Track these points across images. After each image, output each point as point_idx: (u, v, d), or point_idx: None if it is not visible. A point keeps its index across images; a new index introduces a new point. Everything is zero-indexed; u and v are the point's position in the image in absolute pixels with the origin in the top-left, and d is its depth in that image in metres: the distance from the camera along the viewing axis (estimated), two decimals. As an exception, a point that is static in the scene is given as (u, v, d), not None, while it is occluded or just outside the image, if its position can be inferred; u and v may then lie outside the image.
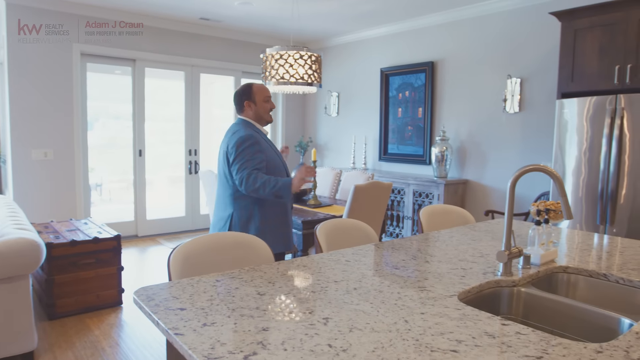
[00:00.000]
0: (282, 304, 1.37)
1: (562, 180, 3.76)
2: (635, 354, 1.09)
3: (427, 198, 5.17)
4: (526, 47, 4.71)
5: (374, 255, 1.92)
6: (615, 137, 3.46)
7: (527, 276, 1.69)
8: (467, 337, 1.15)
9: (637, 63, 3.48)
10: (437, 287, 1.52)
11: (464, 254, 1.95)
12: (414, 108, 5.83)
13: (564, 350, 1.10)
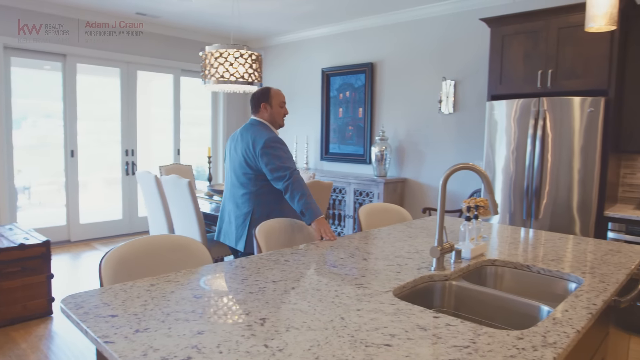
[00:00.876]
0: (219, 307, 1.35)
1: (490, 177, 3.98)
2: (551, 338, 1.17)
3: (367, 197, 5.28)
4: (459, 50, 4.92)
5: (313, 254, 1.94)
6: (538, 137, 3.69)
7: (459, 270, 1.77)
8: (401, 331, 1.19)
9: (557, 68, 3.73)
10: (374, 283, 1.56)
11: (400, 251, 2.01)
12: (354, 108, 5.93)
13: (489, 339, 1.16)
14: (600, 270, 1.82)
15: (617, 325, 1.98)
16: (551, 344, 1.14)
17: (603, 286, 1.62)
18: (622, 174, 4.00)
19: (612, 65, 3.49)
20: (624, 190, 4.00)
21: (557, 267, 1.83)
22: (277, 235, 2.21)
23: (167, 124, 6.78)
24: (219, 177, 7.35)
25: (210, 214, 3.95)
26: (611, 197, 3.77)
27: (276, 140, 2.59)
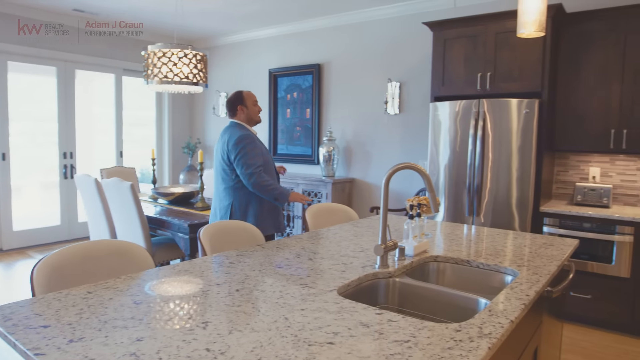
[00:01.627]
0: (160, 312, 1.31)
1: (435, 176, 4.10)
2: (487, 329, 1.22)
3: (316, 197, 5.30)
4: (405, 53, 5.04)
5: (259, 255, 1.93)
6: (479, 137, 3.84)
7: (402, 267, 1.81)
8: (344, 329, 1.20)
9: (495, 72, 3.90)
10: (319, 283, 1.57)
11: (345, 250, 2.03)
12: (302, 109, 5.95)
13: (429, 333, 1.20)
14: (535, 263, 1.91)
15: (550, 313, 2.09)
16: (487, 334, 1.19)
17: (536, 278, 1.70)
18: (555, 172, 4.23)
19: (544, 69, 3.69)
20: (557, 187, 4.23)
21: (495, 262, 1.91)
22: (223, 237, 2.17)
23: (109, 125, 6.52)
24: (164, 179, 7.16)
25: (155, 217, 3.83)
26: (546, 193, 3.98)
27: (243, 138, 2.93)
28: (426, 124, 4.61)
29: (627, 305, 3.43)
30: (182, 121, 7.29)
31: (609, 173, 3.99)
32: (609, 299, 3.49)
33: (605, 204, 3.73)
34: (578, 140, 3.83)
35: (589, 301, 3.56)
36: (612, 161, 3.97)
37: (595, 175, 4.01)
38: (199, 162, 4.15)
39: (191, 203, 4.37)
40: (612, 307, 3.48)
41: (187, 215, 3.85)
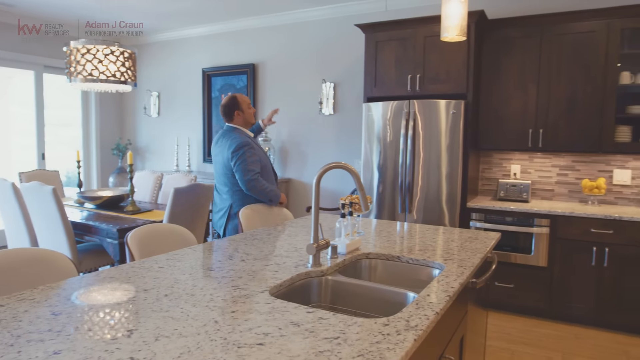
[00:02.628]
0: (81, 322, 1.25)
1: (369, 175, 4.18)
2: (413, 322, 1.26)
3: (253, 198, 5.25)
4: (338, 54, 5.11)
5: (190, 259, 1.88)
6: (410, 137, 3.97)
7: (335, 265, 1.84)
8: (274, 329, 1.20)
9: (424, 73, 4.05)
10: (250, 284, 1.56)
11: (279, 250, 2.03)
12: (237, 109, 5.86)
13: (358, 328, 1.22)
14: (460, 256, 2.00)
15: (475, 303, 2.20)
16: (413, 327, 1.23)
17: (461, 270, 1.79)
18: (481, 169, 4.46)
19: (469, 72, 3.88)
20: (483, 184, 4.46)
21: (424, 256, 1.99)
22: (152, 241, 2.10)
23: (29, 125, 6.10)
24: (92, 182, 6.81)
25: (81, 223, 3.63)
26: (473, 190, 4.18)
27: (243, 145, 3.08)
28: (360, 124, 4.70)
29: (545, 291, 3.68)
30: (111, 121, 6.97)
31: (528, 170, 4.26)
32: (529, 287, 3.73)
33: (525, 198, 3.98)
34: (500, 140, 4.06)
35: (512, 290, 3.78)
36: (531, 159, 4.25)
37: (516, 172, 4.27)
38: (128, 164, 3.98)
39: (121, 207, 4.19)
40: (532, 295, 3.73)
41: (116, 219, 3.69)
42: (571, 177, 4.12)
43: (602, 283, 3.51)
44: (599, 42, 3.68)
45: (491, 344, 3.27)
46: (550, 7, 4.03)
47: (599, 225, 3.48)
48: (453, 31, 2.09)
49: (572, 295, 3.61)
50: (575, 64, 3.77)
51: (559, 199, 4.16)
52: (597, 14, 3.68)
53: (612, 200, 3.98)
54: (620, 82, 3.69)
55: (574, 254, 3.58)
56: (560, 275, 3.63)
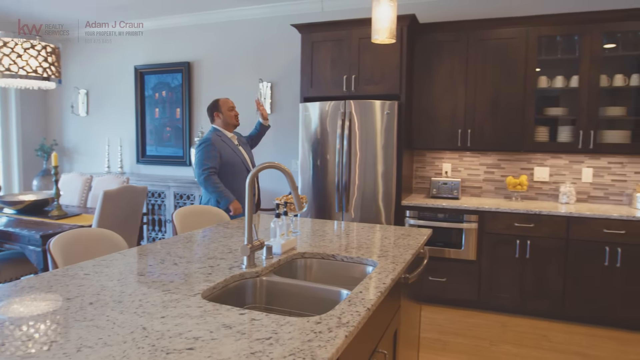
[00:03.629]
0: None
1: (307, 175, 4.21)
2: (345, 319, 1.29)
3: (188, 200, 5.13)
4: (275, 53, 5.10)
5: (120, 264, 1.81)
6: (346, 137, 4.04)
7: (270, 265, 1.83)
8: (205, 333, 1.18)
9: (359, 74, 4.13)
10: (182, 288, 1.52)
11: (213, 252, 2.00)
12: (171, 108, 5.71)
13: (290, 328, 1.23)
14: (393, 253, 2.06)
15: (408, 297, 2.28)
16: (344, 323, 1.26)
17: (393, 266, 1.84)
18: (415, 168, 4.62)
19: (402, 73, 4.00)
20: (417, 182, 4.62)
21: (358, 254, 2.03)
22: (78, 247, 2.00)
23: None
24: (14, 186, 6.36)
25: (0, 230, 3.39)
26: (407, 188, 4.32)
27: (203, 142, 3.32)
28: (298, 124, 4.71)
29: (475, 284, 3.87)
30: (35, 120, 6.54)
31: (458, 168, 4.46)
32: (460, 280, 3.91)
33: (456, 195, 4.17)
34: (432, 139, 4.22)
35: (444, 283, 3.94)
36: (461, 157, 4.45)
37: (448, 171, 4.46)
38: (53, 166, 3.76)
39: (45, 212, 3.95)
40: (463, 287, 3.91)
41: (40, 225, 3.47)
42: (497, 174, 4.36)
43: (525, 273, 3.74)
44: (520, 48, 3.92)
45: (425, 336, 3.39)
46: (476, 13, 4.24)
47: (522, 220, 3.71)
48: (383, 33, 2.15)
49: (499, 286, 3.82)
50: (499, 68, 3.99)
51: (487, 196, 4.39)
52: (518, 21, 3.92)
53: (533, 195, 4.25)
54: (539, 85, 3.95)
55: (499, 247, 3.79)
56: (487, 268, 3.83)
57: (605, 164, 4.07)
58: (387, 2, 2.21)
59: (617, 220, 3.51)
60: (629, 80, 3.78)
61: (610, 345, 3.33)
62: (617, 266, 3.51)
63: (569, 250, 3.62)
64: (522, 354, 3.19)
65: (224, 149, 3.37)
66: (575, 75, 3.85)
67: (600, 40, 3.75)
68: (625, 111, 3.83)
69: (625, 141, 3.79)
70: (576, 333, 3.53)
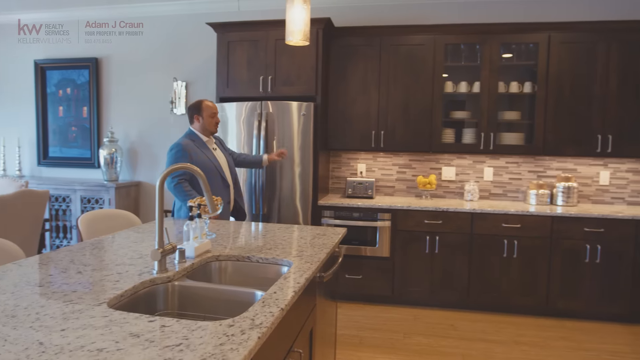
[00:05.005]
0: None
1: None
2: (258, 320, 1.29)
3: (97, 203, 4.85)
4: (190, 52, 4.96)
5: (14, 275, 1.67)
6: (263, 138, 4.03)
7: (183, 270, 1.79)
8: (111, 343, 1.13)
9: (275, 76, 4.14)
10: (86, 297, 1.44)
11: (122, 258, 1.91)
12: (77, 107, 5.35)
13: (202, 332, 1.21)
14: (308, 253, 2.10)
15: (324, 296, 2.33)
16: (258, 325, 1.26)
17: (307, 266, 1.87)
18: (331, 169, 4.71)
19: (318, 75, 4.07)
20: (333, 182, 4.72)
21: (273, 255, 2.04)
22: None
23: None
24: None
25: None
26: (324, 188, 4.40)
27: (174, 147, 3.13)
28: (214, 125, 4.62)
29: (389, 280, 4.04)
30: None
31: (372, 168, 4.63)
32: (375, 276, 4.06)
33: (370, 195, 4.32)
34: (347, 140, 4.34)
35: (360, 280, 4.07)
36: (375, 158, 4.62)
37: (362, 171, 4.61)
38: None
39: None
40: (378, 283, 4.06)
41: None
42: (409, 174, 4.57)
43: (434, 267, 3.96)
44: (428, 55, 4.15)
45: (342, 333, 3.48)
46: (389, 19, 4.43)
47: (431, 217, 3.93)
48: (297, 35, 2.18)
49: (411, 281, 4.02)
50: (410, 73, 4.19)
51: (399, 195, 4.59)
52: (426, 29, 4.15)
53: (441, 194, 4.52)
54: (445, 90, 4.20)
55: (411, 244, 3.98)
56: (400, 264, 4.01)
57: (504, 164, 4.43)
58: (301, 4, 2.24)
59: (514, 215, 3.83)
60: (523, 87, 4.14)
61: (509, 330, 3.63)
62: (514, 257, 3.83)
63: (473, 244, 3.90)
64: (432, 343, 3.38)
65: (196, 154, 3.14)
66: (477, 81, 4.15)
67: (498, 50, 4.07)
68: (520, 115, 4.20)
69: (520, 143, 4.14)
70: (480, 321, 3.80)
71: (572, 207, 3.99)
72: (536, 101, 4.05)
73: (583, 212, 3.79)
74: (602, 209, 3.97)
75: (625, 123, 3.93)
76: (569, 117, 4.00)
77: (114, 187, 4.77)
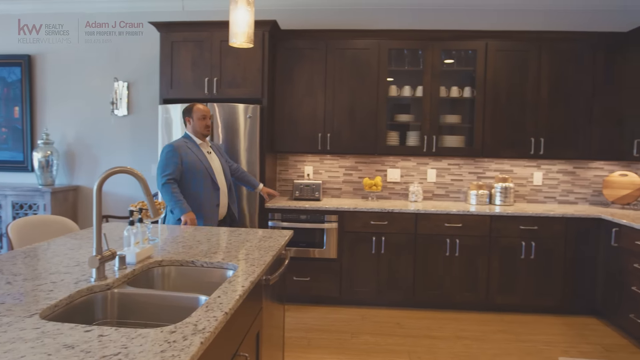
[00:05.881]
0: None
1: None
2: (201, 325, 1.27)
3: (30, 209, 4.58)
4: (132, 51, 4.80)
5: None
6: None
7: (123, 276, 1.73)
8: (42, 357, 1.07)
9: (221, 77, 4.09)
10: (16, 309, 1.36)
11: (57, 266, 1.82)
12: (8, 107, 5.03)
13: (142, 340, 1.17)
14: (253, 256, 2.08)
15: (271, 299, 2.32)
16: (200, 330, 1.24)
17: (253, 269, 1.86)
18: (278, 171, 4.70)
19: (264, 77, 4.05)
20: (280, 185, 4.71)
21: (218, 259, 2.01)
22: None
23: None
24: None
25: None
26: (271, 191, 4.37)
27: (166, 147, 3.23)
28: (157, 127, 4.49)
29: (336, 281, 4.08)
30: None
31: (319, 171, 4.66)
32: (323, 278, 4.09)
33: (317, 197, 4.34)
34: (294, 143, 4.34)
35: (308, 282, 4.08)
36: (322, 160, 4.66)
37: (310, 173, 4.63)
38: None
39: None
40: (326, 285, 4.09)
41: None
42: (355, 176, 4.64)
43: (380, 268, 4.04)
44: (373, 59, 4.23)
45: (290, 335, 3.48)
46: (334, 23, 4.48)
47: (377, 218, 4.01)
48: (240, 37, 2.17)
49: (358, 281, 4.07)
50: (355, 76, 4.26)
51: (346, 196, 4.65)
52: (370, 34, 4.23)
53: (387, 195, 4.62)
54: (390, 94, 4.31)
55: (358, 245, 4.04)
56: (348, 265, 4.06)
57: (446, 166, 4.59)
58: (245, 6, 2.23)
59: (456, 215, 3.97)
60: (463, 92, 4.31)
61: (452, 326, 3.76)
62: (456, 255, 3.98)
63: (417, 243, 4.01)
64: (379, 342, 3.45)
65: (187, 156, 3.22)
66: (420, 85, 4.28)
67: (439, 55, 4.22)
68: (460, 119, 4.36)
69: (461, 145, 4.31)
70: (424, 318, 3.91)
71: (509, 207, 4.20)
72: (475, 105, 4.23)
73: (519, 211, 3.99)
74: (536, 207, 4.20)
75: (556, 127, 4.18)
76: (506, 121, 4.21)
77: (50, 191, 4.52)
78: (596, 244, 3.91)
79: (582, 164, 4.53)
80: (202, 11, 4.63)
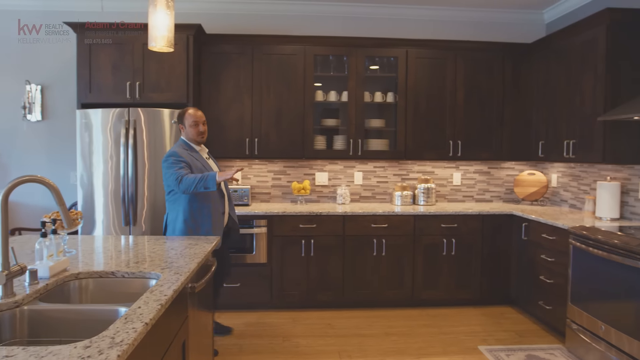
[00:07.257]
0: None
1: (87, 188, 3.85)
2: (119, 337, 1.24)
3: None
4: (46, 53, 4.52)
5: None
6: (131, 146, 3.83)
7: (34, 292, 1.64)
8: (-61, 381, 1.00)
9: (144, 81, 3.97)
10: None
11: (-42, 285, 1.69)
12: None
13: (53, 358, 1.13)
14: (177, 264, 2.05)
15: (198, 307, 2.28)
16: (118, 343, 1.21)
17: (177, 277, 1.83)
18: (207, 177, 4.62)
19: (189, 82, 3.98)
20: (209, 191, 4.63)
21: (140, 269, 1.96)
22: None
23: None
24: None
25: None
26: (199, 197, 4.29)
27: (169, 155, 3.04)
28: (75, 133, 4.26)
29: (267, 285, 4.08)
30: None
31: (248, 175, 4.65)
32: (253, 283, 4.07)
33: (246, 202, 4.33)
34: (222, 147, 4.29)
35: (239, 288, 4.05)
36: (250, 165, 4.64)
37: (238, 178, 4.60)
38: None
39: None
40: (257, 290, 4.08)
41: None
42: (284, 180, 4.67)
43: (310, 270, 4.10)
44: (299, 64, 4.29)
45: (221, 343, 3.43)
46: (260, 28, 4.50)
47: (305, 221, 4.06)
48: (160, 41, 2.13)
49: (289, 285, 4.10)
50: (282, 81, 4.30)
51: (275, 201, 4.67)
52: (296, 40, 4.29)
53: (315, 199, 4.69)
54: (316, 99, 4.39)
55: (287, 248, 4.07)
56: (278, 269, 4.08)
57: (372, 168, 4.74)
58: (164, 10, 2.19)
59: (381, 215, 4.11)
60: (386, 97, 4.48)
61: (380, 323, 3.88)
62: (383, 255, 4.12)
63: (345, 245, 4.10)
64: (310, 343, 3.49)
65: (192, 162, 3.06)
66: (345, 91, 4.40)
67: (363, 62, 4.36)
68: (384, 123, 4.53)
69: (385, 148, 4.47)
70: (354, 317, 4.01)
71: (431, 206, 4.41)
72: (398, 110, 4.41)
73: (440, 210, 4.21)
74: (456, 206, 4.45)
75: (471, 130, 4.46)
76: (426, 125, 4.42)
77: (-48, 204, 4.15)
78: (509, 238, 4.22)
79: (495, 165, 4.86)
80: (123, 12, 4.45)
